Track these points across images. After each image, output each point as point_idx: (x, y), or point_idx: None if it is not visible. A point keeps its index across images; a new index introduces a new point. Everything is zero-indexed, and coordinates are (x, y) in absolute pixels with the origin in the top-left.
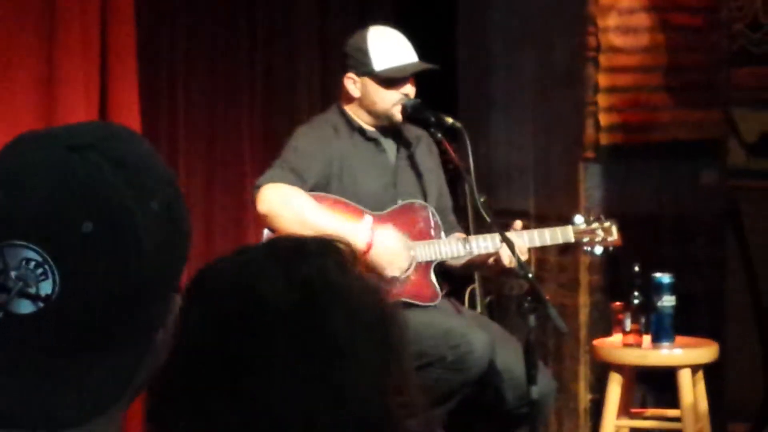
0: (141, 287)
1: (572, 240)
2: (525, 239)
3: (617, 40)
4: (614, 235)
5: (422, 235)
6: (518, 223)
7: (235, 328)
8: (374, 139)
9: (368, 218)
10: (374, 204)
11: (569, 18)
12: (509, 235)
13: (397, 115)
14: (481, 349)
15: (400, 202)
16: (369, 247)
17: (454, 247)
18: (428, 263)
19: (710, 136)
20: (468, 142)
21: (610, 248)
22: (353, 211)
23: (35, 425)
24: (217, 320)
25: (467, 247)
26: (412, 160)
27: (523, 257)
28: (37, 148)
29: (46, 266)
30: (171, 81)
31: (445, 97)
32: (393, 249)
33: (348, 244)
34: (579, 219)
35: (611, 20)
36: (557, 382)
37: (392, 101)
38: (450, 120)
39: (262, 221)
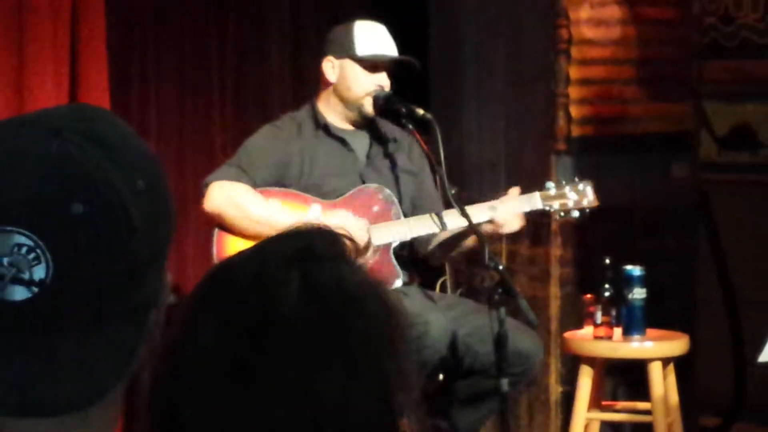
0: (135, 266)
1: (540, 206)
2: (515, 207)
3: (589, 32)
4: (590, 197)
5: (378, 218)
6: (515, 190)
7: (251, 343)
8: (340, 138)
9: (316, 206)
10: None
11: (541, 10)
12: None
13: (368, 107)
14: (436, 330)
15: (352, 189)
16: None
17: (415, 226)
18: (386, 246)
19: (681, 129)
20: (439, 134)
21: (587, 210)
22: (302, 201)
23: (35, 411)
24: (233, 333)
25: (439, 223)
26: (386, 160)
27: (519, 223)
28: (17, 134)
29: (39, 250)
30: (141, 75)
31: (417, 90)
32: (348, 228)
33: (349, 238)
34: (549, 185)
35: (583, 12)
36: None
37: (365, 89)
38: (421, 112)
39: (210, 220)
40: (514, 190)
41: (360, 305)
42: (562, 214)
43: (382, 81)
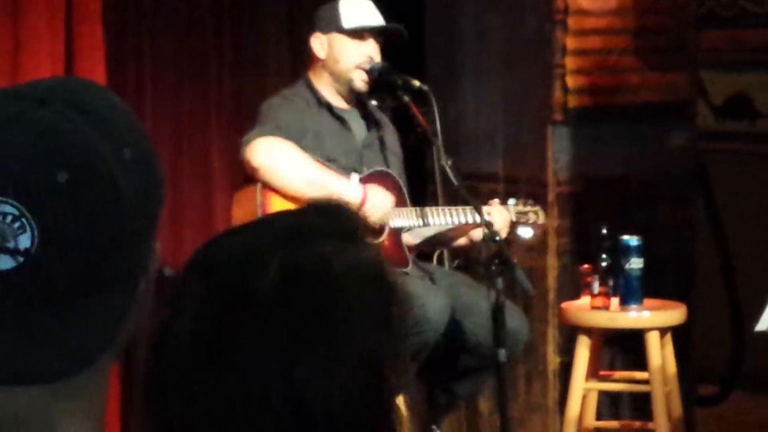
0: (121, 235)
1: (514, 218)
2: (505, 214)
3: (585, 2)
4: (541, 219)
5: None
6: (495, 201)
7: (229, 317)
8: (341, 118)
9: (355, 175)
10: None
11: None
12: (490, 208)
13: (357, 82)
14: (434, 313)
15: (367, 170)
16: (363, 202)
17: (415, 217)
18: (398, 230)
19: (678, 99)
20: (435, 106)
21: (538, 231)
22: (335, 171)
23: (19, 379)
24: (210, 314)
25: (422, 220)
26: (379, 142)
27: (506, 230)
28: (2, 104)
29: (24, 219)
30: (137, 55)
31: (413, 61)
32: (383, 208)
33: (353, 213)
34: (512, 201)
35: None
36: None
37: (354, 61)
38: (417, 83)
39: (254, 174)
40: (495, 201)
41: (347, 287)
42: (523, 230)
43: (370, 51)
